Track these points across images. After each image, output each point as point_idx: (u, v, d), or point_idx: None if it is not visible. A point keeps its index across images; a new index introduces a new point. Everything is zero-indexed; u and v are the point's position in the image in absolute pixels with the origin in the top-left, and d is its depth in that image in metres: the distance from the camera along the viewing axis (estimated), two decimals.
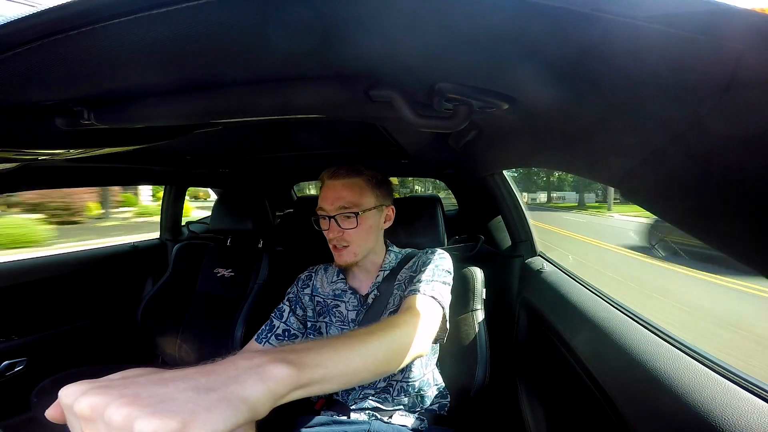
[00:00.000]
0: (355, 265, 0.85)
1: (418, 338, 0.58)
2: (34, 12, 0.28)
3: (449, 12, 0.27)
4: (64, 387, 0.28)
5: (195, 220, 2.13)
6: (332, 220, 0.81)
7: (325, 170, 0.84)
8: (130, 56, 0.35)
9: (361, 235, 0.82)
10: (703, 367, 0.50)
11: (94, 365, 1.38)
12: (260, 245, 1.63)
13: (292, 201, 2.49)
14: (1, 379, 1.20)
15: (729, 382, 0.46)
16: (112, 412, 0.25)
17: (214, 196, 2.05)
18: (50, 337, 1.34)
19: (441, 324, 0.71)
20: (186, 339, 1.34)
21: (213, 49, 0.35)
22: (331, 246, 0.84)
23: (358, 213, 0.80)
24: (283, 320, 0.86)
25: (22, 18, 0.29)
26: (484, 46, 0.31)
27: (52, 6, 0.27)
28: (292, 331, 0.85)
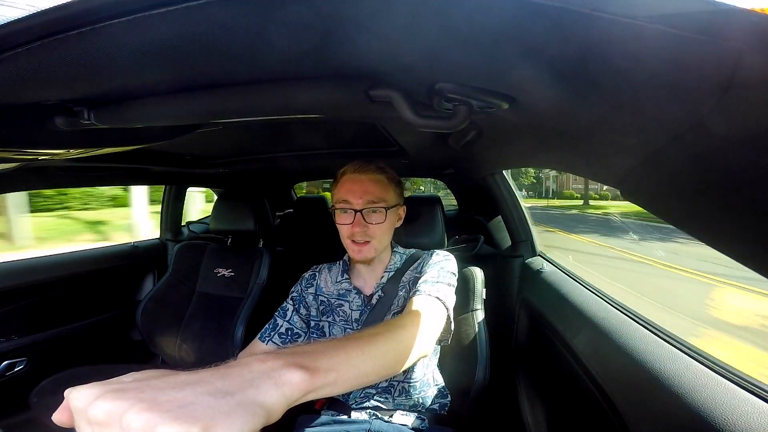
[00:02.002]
0: (372, 261, 0.85)
1: (423, 339, 0.58)
2: (34, 12, 0.28)
3: (449, 12, 0.27)
4: (74, 390, 0.27)
5: (194, 220, 2.13)
6: (358, 214, 0.80)
7: (348, 164, 0.84)
8: (130, 56, 0.35)
9: (384, 231, 0.82)
10: (703, 367, 0.50)
11: (95, 365, 1.38)
12: (260, 245, 1.63)
13: (292, 201, 2.50)
14: (1, 379, 1.20)
15: (729, 382, 0.46)
16: (130, 418, 0.24)
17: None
18: (50, 337, 1.34)
19: (445, 325, 0.71)
20: (186, 339, 1.34)
21: (213, 50, 0.35)
22: (348, 241, 0.83)
23: (387, 208, 0.81)
24: (287, 319, 0.86)
25: (22, 18, 0.29)
26: (484, 46, 0.31)
27: (52, 6, 0.27)
28: (296, 330, 0.85)
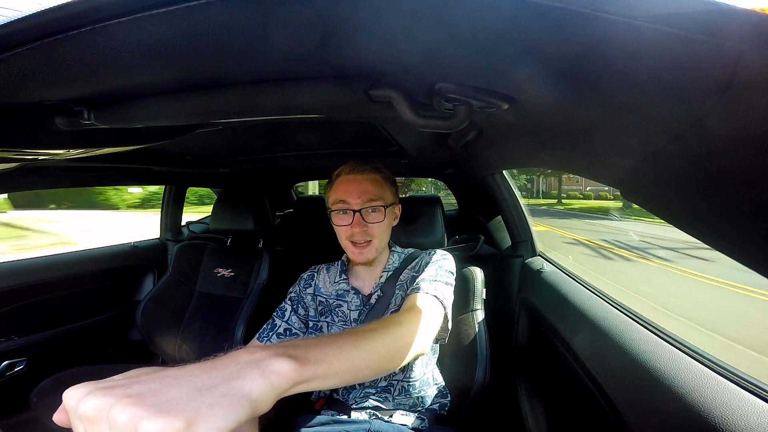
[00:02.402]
0: (373, 261, 0.85)
1: (420, 337, 0.58)
2: (34, 12, 0.28)
3: (449, 12, 0.27)
4: (68, 389, 0.28)
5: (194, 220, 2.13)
6: (357, 214, 0.79)
7: (343, 165, 0.84)
8: (130, 56, 0.35)
9: (383, 230, 0.82)
10: (703, 367, 0.50)
11: (95, 365, 1.38)
12: (260, 245, 1.63)
13: (292, 201, 2.50)
14: (1, 379, 1.20)
15: (729, 382, 0.46)
16: (116, 413, 0.25)
17: None
18: (50, 337, 1.34)
19: (443, 324, 0.71)
20: (186, 339, 1.34)
21: (213, 49, 0.35)
22: (347, 243, 0.82)
23: (385, 207, 0.81)
24: (285, 319, 0.86)
25: (22, 18, 0.29)
26: (484, 46, 0.31)
27: (52, 6, 0.27)
28: (294, 330, 0.85)
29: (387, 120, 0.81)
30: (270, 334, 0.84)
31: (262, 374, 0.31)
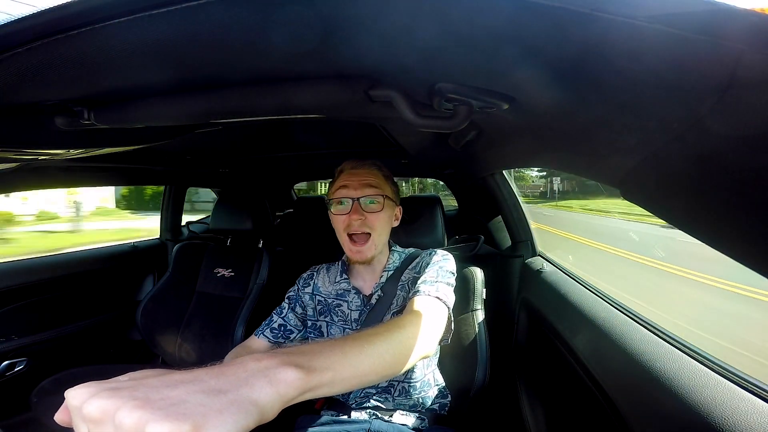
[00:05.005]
0: (372, 260, 0.85)
1: (424, 339, 0.57)
2: (34, 12, 0.28)
3: (449, 12, 0.27)
4: (71, 389, 0.27)
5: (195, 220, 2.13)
6: (356, 202, 0.80)
7: (345, 162, 0.86)
8: (130, 56, 0.35)
9: (382, 223, 0.82)
10: (703, 367, 0.50)
11: (95, 365, 1.38)
12: (260, 245, 1.63)
13: (292, 201, 2.50)
14: (1, 379, 1.20)
15: (729, 382, 0.46)
16: (123, 416, 0.25)
17: None
18: (50, 337, 1.34)
19: (446, 324, 0.71)
20: (186, 339, 1.34)
21: (213, 50, 0.35)
22: (346, 239, 0.82)
23: (384, 195, 0.82)
24: (282, 316, 0.87)
25: (22, 18, 0.29)
26: (484, 46, 0.31)
27: (52, 6, 0.28)
28: (289, 327, 0.86)
29: (387, 120, 0.81)
30: (264, 329, 0.86)
31: (269, 382, 0.31)
